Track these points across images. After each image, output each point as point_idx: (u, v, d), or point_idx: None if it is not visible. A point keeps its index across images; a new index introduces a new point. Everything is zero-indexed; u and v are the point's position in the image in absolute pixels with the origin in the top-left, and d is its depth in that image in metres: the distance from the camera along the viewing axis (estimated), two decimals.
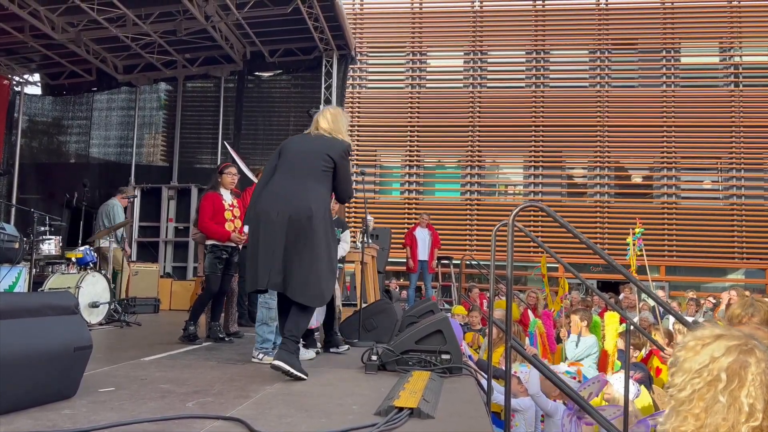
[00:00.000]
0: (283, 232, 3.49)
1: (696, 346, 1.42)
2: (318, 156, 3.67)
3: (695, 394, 1.36)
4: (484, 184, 16.44)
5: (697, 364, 1.38)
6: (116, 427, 2.32)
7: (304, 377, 3.39)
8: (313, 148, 3.72)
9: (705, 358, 1.38)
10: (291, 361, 3.39)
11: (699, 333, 1.44)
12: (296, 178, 3.63)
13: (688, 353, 1.41)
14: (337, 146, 3.73)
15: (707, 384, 1.35)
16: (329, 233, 3.62)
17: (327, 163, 3.67)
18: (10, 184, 11.00)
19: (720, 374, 1.34)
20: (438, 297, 11.40)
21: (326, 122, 3.81)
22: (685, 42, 16.01)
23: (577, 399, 2.54)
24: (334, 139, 3.76)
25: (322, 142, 3.74)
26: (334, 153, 3.69)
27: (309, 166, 3.66)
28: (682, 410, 1.37)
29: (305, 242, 3.49)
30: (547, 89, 16.16)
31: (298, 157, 3.71)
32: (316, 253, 3.50)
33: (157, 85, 11.90)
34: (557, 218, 2.79)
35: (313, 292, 3.49)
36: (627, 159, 16.01)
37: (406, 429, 2.46)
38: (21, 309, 2.57)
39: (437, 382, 3.40)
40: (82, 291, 6.04)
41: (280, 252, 3.49)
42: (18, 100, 11.46)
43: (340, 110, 3.99)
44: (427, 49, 16.78)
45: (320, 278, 3.50)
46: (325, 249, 3.55)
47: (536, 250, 14.56)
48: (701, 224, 15.09)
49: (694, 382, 1.37)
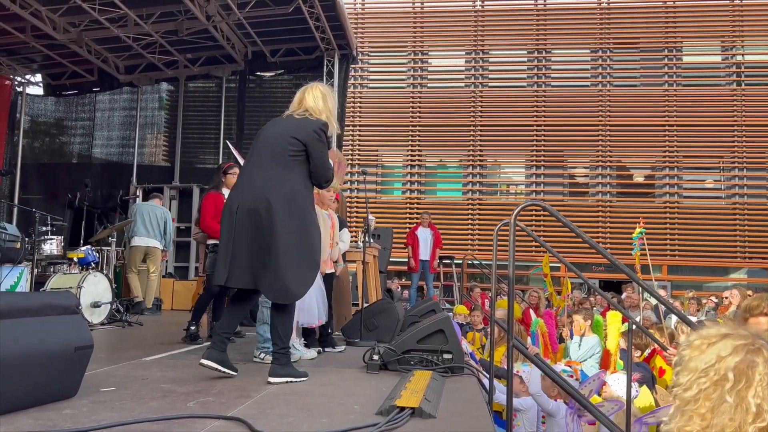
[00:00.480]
0: (244, 226, 3.32)
1: (702, 344, 1.40)
2: (283, 140, 3.42)
3: (701, 393, 1.34)
4: (486, 183, 16.42)
5: (704, 363, 1.36)
6: (117, 427, 2.32)
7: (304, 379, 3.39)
8: (280, 133, 3.47)
9: (711, 357, 1.36)
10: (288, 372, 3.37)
11: (705, 332, 1.43)
12: (261, 167, 3.43)
13: (694, 352, 1.40)
14: (307, 127, 3.45)
15: (714, 384, 1.33)
16: (296, 225, 3.33)
17: (294, 147, 3.40)
18: (12, 185, 11.01)
19: (727, 374, 1.33)
20: (439, 297, 11.39)
21: (313, 101, 3.55)
22: (687, 41, 15.97)
23: (578, 396, 2.54)
24: (305, 120, 3.49)
25: (291, 125, 3.48)
26: (303, 134, 3.41)
27: (274, 152, 3.42)
28: (687, 410, 1.35)
29: (266, 235, 3.28)
30: (549, 88, 16.14)
31: (265, 143, 3.49)
32: (279, 245, 3.26)
33: (159, 85, 11.91)
34: (559, 217, 2.78)
35: (279, 286, 3.29)
36: (629, 158, 15.98)
37: (407, 429, 2.45)
38: (21, 309, 2.57)
39: (439, 381, 3.40)
40: (83, 291, 6.03)
41: (242, 247, 3.32)
42: (20, 101, 11.47)
43: (330, 89, 3.73)
44: (428, 49, 16.77)
45: (283, 272, 3.27)
46: (292, 240, 3.30)
47: (538, 250, 14.54)
48: (703, 223, 15.06)
49: (700, 382, 1.35)
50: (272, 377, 3.32)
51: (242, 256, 3.34)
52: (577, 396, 2.54)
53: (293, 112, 3.57)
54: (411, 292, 10.82)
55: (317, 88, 3.62)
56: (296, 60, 10.99)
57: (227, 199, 3.55)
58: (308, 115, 3.51)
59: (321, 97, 3.56)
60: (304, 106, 3.55)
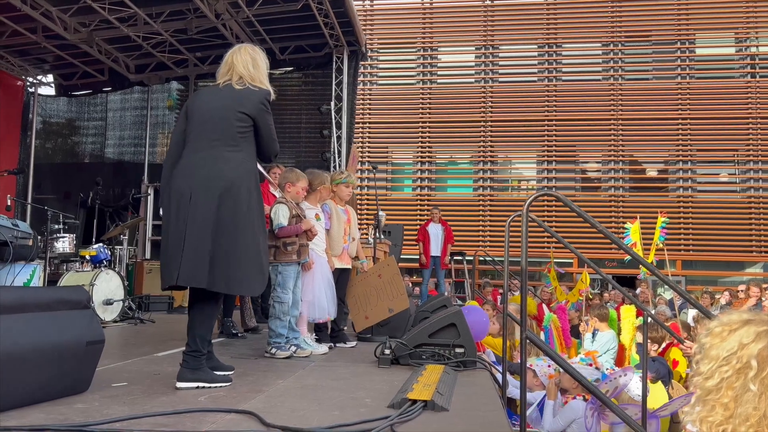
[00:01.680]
0: (197, 214, 2.93)
1: (723, 332, 1.35)
2: (230, 115, 3.06)
3: (723, 382, 1.29)
4: (497, 179, 16.34)
5: (725, 351, 1.31)
6: (128, 421, 2.31)
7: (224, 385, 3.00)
8: (224, 107, 3.08)
9: (733, 344, 1.31)
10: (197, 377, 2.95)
11: (726, 318, 1.38)
12: (208, 148, 3.04)
13: (715, 339, 1.35)
14: (253, 98, 3.10)
15: (736, 372, 1.28)
16: (253, 210, 3.04)
17: (243, 123, 3.07)
18: (26, 185, 11.09)
19: (750, 361, 1.28)
20: (451, 293, 11.34)
21: (244, 67, 3.15)
22: (700, 33, 15.80)
23: (598, 393, 2.49)
24: (248, 90, 3.12)
25: (234, 97, 3.10)
26: (250, 108, 3.08)
27: (222, 130, 3.05)
28: (709, 399, 1.31)
29: (223, 224, 2.94)
30: (560, 83, 16.03)
31: (207, 119, 3.09)
32: (238, 234, 2.97)
33: (169, 84, 11.94)
34: (573, 207, 2.73)
35: (237, 276, 2.97)
36: (642, 152, 15.84)
37: (419, 421, 2.42)
38: (32, 303, 2.57)
39: (451, 375, 3.37)
40: (96, 288, 6.05)
41: (194, 238, 2.92)
42: (32, 101, 11.55)
43: (259, 51, 3.28)
44: (437, 45, 16.71)
45: (243, 262, 2.97)
46: (250, 228, 3.01)
47: (550, 246, 14.45)
48: (718, 218, 14.90)
49: (722, 370, 1.30)
50: (179, 382, 2.96)
51: (198, 249, 2.92)
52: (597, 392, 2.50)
53: (228, 81, 3.17)
54: (422, 289, 10.77)
55: (246, 51, 3.22)
56: (305, 57, 10.98)
57: (173, 186, 3.05)
58: (247, 83, 3.14)
59: (251, 62, 3.18)
60: (237, 72, 3.16)
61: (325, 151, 10.54)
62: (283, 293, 4.06)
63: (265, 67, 3.26)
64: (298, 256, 4.11)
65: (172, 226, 3.00)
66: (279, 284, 4.08)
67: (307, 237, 4.19)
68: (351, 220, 4.91)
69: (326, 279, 4.48)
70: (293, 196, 4.26)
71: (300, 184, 4.25)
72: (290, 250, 4.08)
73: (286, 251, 4.08)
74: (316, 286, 4.36)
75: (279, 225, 4.11)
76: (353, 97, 10.92)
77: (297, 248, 4.10)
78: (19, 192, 10.77)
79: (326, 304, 4.41)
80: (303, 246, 4.15)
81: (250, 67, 3.17)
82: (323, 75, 10.96)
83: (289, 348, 4.03)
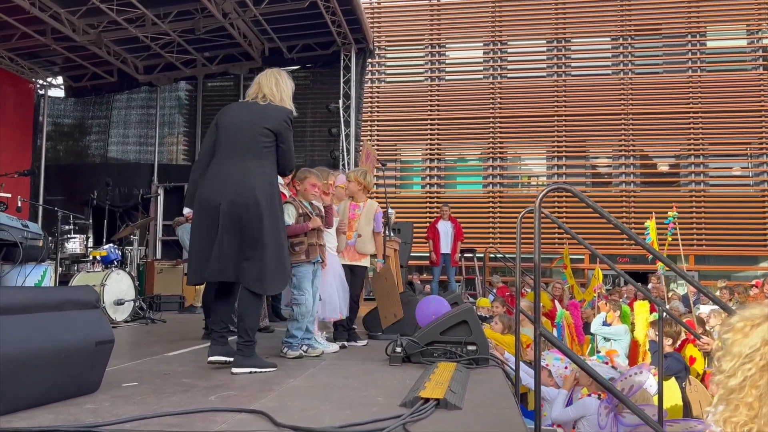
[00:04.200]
0: (228, 221, 3.30)
1: (745, 327, 1.29)
2: (256, 131, 3.40)
3: (747, 381, 1.23)
4: (507, 176, 16.26)
5: (748, 348, 1.25)
6: (138, 421, 2.29)
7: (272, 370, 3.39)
8: (250, 122, 3.44)
9: (756, 340, 1.25)
10: (250, 363, 3.35)
11: (747, 312, 1.32)
12: (236, 159, 3.38)
13: (737, 335, 1.29)
14: (276, 116, 3.46)
15: (760, 369, 1.23)
16: (277, 218, 3.41)
17: (267, 138, 3.41)
18: (36, 187, 11.16)
19: None
20: (462, 290, 11.29)
21: (268, 87, 3.54)
22: (711, 26, 15.63)
23: (617, 392, 2.44)
24: (272, 107, 3.49)
25: (260, 114, 3.46)
26: (274, 124, 3.43)
27: (248, 143, 3.40)
28: (732, 399, 1.25)
29: (250, 230, 3.29)
30: (569, 78, 15.91)
31: (236, 133, 3.44)
32: (263, 240, 3.30)
33: (177, 85, 11.96)
34: (586, 200, 2.68)
35: (265, 277, 3.32)
36: (653, 147, 15.70)
37: (432, 420, 2.39)
38: (41, 303, 2.55)
39: (464, 373, 3.33)
40: (107, 289, 6.06)
41: (224, 241, 3.30)
42: (42, 103, 11.61)
43: (284, 73, 3.68)
44: (445, 41, 16.63)
45: (271, 264, 3.32)
46: (272, 235, 3.34)
47: (561, 242, 14.36)
48: (731, 212, 14.74)
49: (745, 368, 1.25)
50: (235, 368, 3.32)
51: (228, 250, 3.30)
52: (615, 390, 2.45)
53: (255, 98, 3.55)
54: (433, 286, 10.73)
55: (271, 74, 3.62)
56: (313, 55, 10.96)
57: (200, 191, 3.43)
58: (270, 101, 3.51)
59: (274, 83, 3.56)
60: (262, 92, 3.54)
61: (334, 150, 10.51)
62: (300, 295, 4.01)
63: (288, 88, 3.63)
64: (307, 255, 4.06)
65: (203, 231, 3.36)
66: (295, 286, 4.03)
67: (325, 224, 4.18)
68: (361, 215, 4.84)
69: (338, 277, 4.44)
70: (303, 194, 4.23)
71: (309, 181, 4.22)
72: (298, 250, 4.04)
73: (294, 251, 4.04)
74: (327, 285, 4.33)
75: (285, 224, 4.08)
76: (361, 94, 10.89)
77: (305, 248, 4.06)
78: (30, 193, 10.84)
79: (338, 303, 4.37)
80: (312, 245, 4.10)
81: (273, 86, 3.55)
82: (331, 73, 10.93)
83: (300, 347, 4.00)
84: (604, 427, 3.78)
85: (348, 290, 4.56)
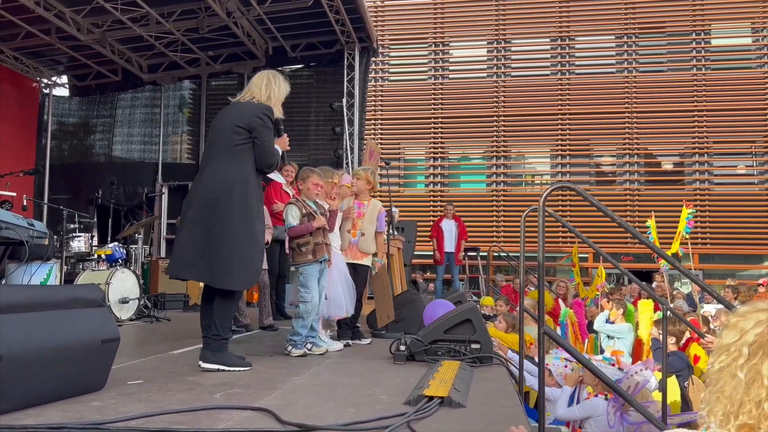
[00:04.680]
0: (197, 218, 3.35)
1: (738, 322, 1.33)
2: (229, 130, 3.45)
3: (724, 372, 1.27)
4: (510, 174, 16.24)
5: (728, 340, 1.30)
6: (144, 418, 2.30)
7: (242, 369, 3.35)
8: (226, 122, 3.49)
9: (736, 333, 1.29)
10: (217, 359, 3.33)
11: (742, 309, 1.35)
12: (214, 159, 3.46)
13: (725, 330, 1.33)
14: (248, 112, 3.46)
15: (732, 360, 1.26)
16: (248, 213, 3.39)
17: (240, 135, 3.42)
18: (41, 186, 11.19)
19: (743, 348, 1.26)
20: (466, 289, 11.29)
21: (257, 87, 3.57)
22: (715, 24, 15.56)
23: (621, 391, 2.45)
24: (247, 105, 3.51)
25: (235, 113, 3.50)
26: (246, 121, 3.43)
27: (222, 142, 3.46)
28: (714, 390, 1.29)
29: (217, 225, 3.32)
30: (573, 76, 15.88)
31: (215, 134, 3.53)
32: (229, 234, 3.32)
33: (181, 83, 11.98)
34: (591, 199, 2.69)
35: (228, 271, 3.31)
36: (657, 145, 15.65)
37: (436, 418, 2.39)
38: (47, 302, 2.57)
39: (468, 371, 3.33)
40: (112, 287, 6.09)
41: (195, 237, 3.34)
42: (47, 102, 11.65)
43: (278, 75, 3.68)
44: (449, 40, 16.61)
45: (234, 259, 3.31)
46: (241, 230, 3.34)
47: (565, 240, 14.35)
48: (736, 210, 14.69)
49: (721, 359, 1.29)
50: (203, 363, 3.33)
51: (194, 247, 3.33)
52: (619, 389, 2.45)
53: (240, 98, 3.60)
54: (436, 285, 10.74)
55: (264, 75, 3.65)
56: (317, 54, 10.96)
57: (188, 195, 3.54)
58: (251, 99, 3.54)
59: (265, 83, 3.58)
60: (251, 91, 3.58)
61: (337, 148, 10.52)
62: (306, 293, 4.03)
63: (278, 89, 3.61)
64: (314, 255, 4.07)
65: (180, 227, 3.49)
66: (301, 284, 4.06)
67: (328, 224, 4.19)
68: (365, 214, 4.84)
69: (343, 275, 4.45)
70: (306, 193, 4.24)
71: (311, 181, 4.22)
72: (305, 250, 4.06)
73: (301, 252, 4.06)
74: (333, 283, 4.33)
75: (289, 225, 4.09)
76: (365, 93, 10.89)
77: (312, 247, 4.07)
78: (35, 192, 10.88)
79: (343, 301, 4.38)
80: (318, 244, 4.11)
81: (262, 86, 3.57)
82: (335, 72, 10.94)
83: (304, 345, 4.01)
84: (613, 426, 3.77)
85: (353, 288, 4.57)
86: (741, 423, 1.22)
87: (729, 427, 1.23)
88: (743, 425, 1.22)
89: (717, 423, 1.26)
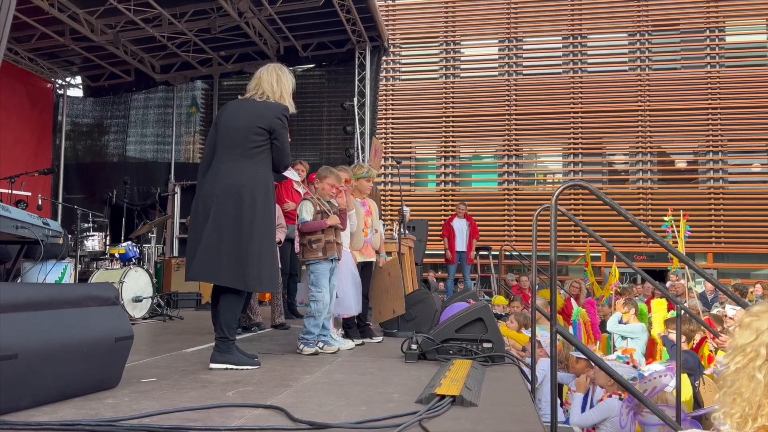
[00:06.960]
0: (215, 219, 3.32)
1: (751, 322, 1.31)
2: (249, 131, 3.40)
3: (740, 372, 1.25)
4: (522, 173, 16.18)
5: (744, 340, 1.27)
6: (158, 416, 2.32)
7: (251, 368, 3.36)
8: (243, 122, 3.44)
9: (752, 333, 1.27)
10: (224, 359, 3.35)
11: (756, 308, 1.33)
12: (230, 159, 3.41)
13: (740, 329, 1.31)
14: (270, 113, 3.43)
15: (750, 360, 1.24)
16: (268, 216, 3.40)
17: (260, 137, 3.40)
18: (56, 185, 11.31)
19: (760, 349, 1.23)
20: (477, 288, 11.27)
21: (269, 83, 3.52)
22: (730, 20, 15.40)
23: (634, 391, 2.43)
24: (267, 105, 3.47)
25: (255, 112, 3.45)
26: (267, 122, 3.41)
27: (242, 143, 3.40)
28: (730, 392, 1.27)
29: (236, 227, 3.31)
30: (586, 74, 15.78)
31: (232, 133, 3.45)
32: (248, 237, 3.31)
33: (194, 84, 12.04)
34: (603, 197, 2.67)
35: (239, 274, 3.31)
36: (670, 143, 15.52)
37: (448, 417, 2.39)
38: (62, 300, 2.59)
39: (479, 370, 3.33)
40: (125, 286, 6.14)
41: (209, 240, 3.31)
42: (61, 103, 11.76)
43: (285, 70, 3.64)
44: (460, 38, 16.57)
45: (250, 261, 3.31)
46: (260, 233, 3.34)
47: (577, 240, 14.27)
48: (750, 209, 14.53)
49: (737, 360, 1.26)
50: (211, 363, 3.36)
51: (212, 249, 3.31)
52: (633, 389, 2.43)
53: (253, 95, 3.54)
54: (448, 284, 10.72)
55: (273, 69, 3.59)
56: (328, 54, 10.97)
57: (201, 194, 3.47)
58: (267, 98, 3.50)
59: (275, 79, 3.54)
60: (262, 88, 3.53)
61: (349, 148, 10.53)
62: (317, 291, 4.03)
63: (289, 84, 3.59)
64: (324, 253, 4.08)
65: (196, 229, 3.41)
66: (312, 283, 4.06)
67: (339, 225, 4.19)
68: (372, 212, 4.87)
69: (351, 274, 4.46)
70: (320, 192, 4.25)
71: (327, 181, 4.23)
72: (315, 247, 4.07)
73: (311, 249, 4.07)
74: (341, 282, 4.34)
75: (302, 220, 4.10)
76: (376, 92, 10.88)
77: (323, 245, 4.08)
78: (50, 192, 10.99)
79: (351, 300, 4.39)
80: (330, 243, 4.12)
81: (273, 83, 3.53)
82: (346, 71, 10.94)
83: (316, 344, 4.02)
84: (624, 426, 3.75)
85: (360, 287, 4.58)
86: (760, 425, 1.20)
87: (747, 429, 1.21)
88: (762, 427, 1.20)
89: (734, 425, 1.24)
